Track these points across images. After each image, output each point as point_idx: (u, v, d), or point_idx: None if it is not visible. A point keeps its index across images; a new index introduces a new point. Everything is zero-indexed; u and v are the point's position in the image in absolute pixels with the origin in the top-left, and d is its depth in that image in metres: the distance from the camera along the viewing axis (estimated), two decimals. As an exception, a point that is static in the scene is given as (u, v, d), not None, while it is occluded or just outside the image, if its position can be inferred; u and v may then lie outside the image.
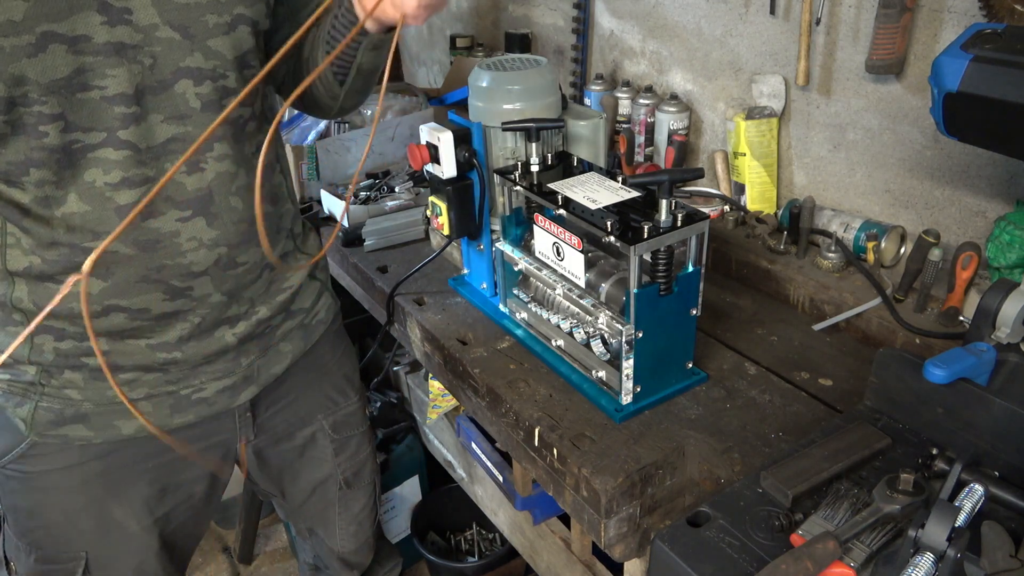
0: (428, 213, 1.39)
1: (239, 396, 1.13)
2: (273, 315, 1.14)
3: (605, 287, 1.15)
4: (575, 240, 1.13)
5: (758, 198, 1.66)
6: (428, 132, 1.28)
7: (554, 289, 1.21)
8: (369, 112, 2.11)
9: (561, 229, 1.15)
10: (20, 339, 0.70)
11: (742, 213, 1.63)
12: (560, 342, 1.23)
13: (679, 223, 1.04)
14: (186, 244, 0.98)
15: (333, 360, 1.33)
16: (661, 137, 1.81)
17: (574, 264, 1.16)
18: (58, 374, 1.01)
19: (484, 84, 1.28)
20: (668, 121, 1.78)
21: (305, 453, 1.33)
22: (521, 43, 2.24)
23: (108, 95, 0.87)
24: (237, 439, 1.20)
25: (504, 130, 1.25)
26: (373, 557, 1.58)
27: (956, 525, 0.76)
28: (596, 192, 1.14)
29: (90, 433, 1.04)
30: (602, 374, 1.15)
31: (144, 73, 0.88)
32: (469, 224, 1.34)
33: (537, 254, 1.25)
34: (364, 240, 1.68)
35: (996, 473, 0.90)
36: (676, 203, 1.06)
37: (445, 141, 1.25)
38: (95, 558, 1.12)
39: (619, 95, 1.89)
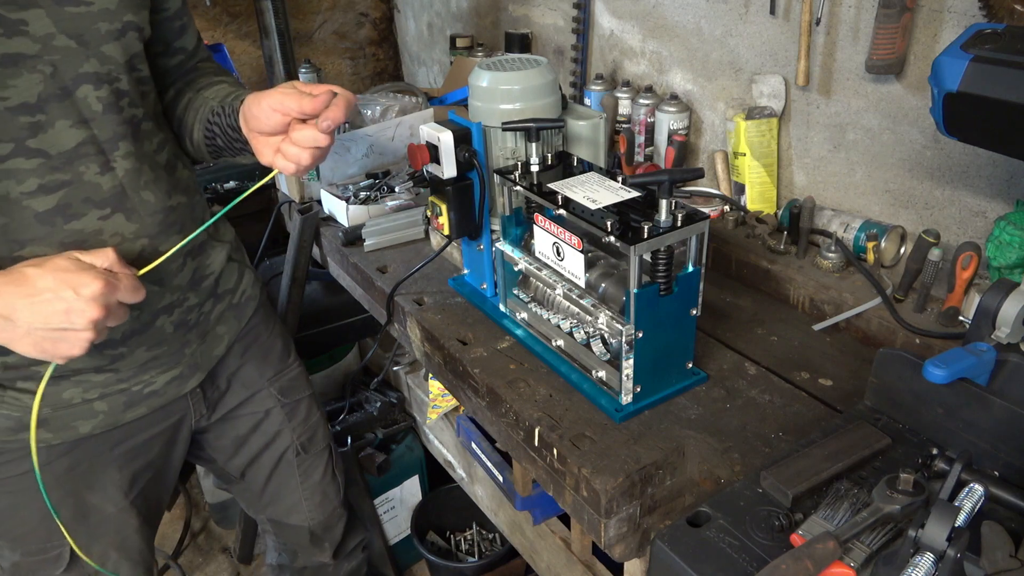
0: (428, 213, 1.39)
1: (187, 383, 1.19)
2: (203, 301, 1.19)
3: (605, 287, 1.15)
4: (575, 240, 1.13)
5: (758, 198, 1.66)
6: (428, 132, 1.28)
7: (554, 289, 1.21)
8: (369, 112, 2.11)
9: (561, 229, 1.15)
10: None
11: (742, 213, 1.63)
12: (560, 342, 1.23)
13: (679, 223, 1.04)
14: (110, 240, 1.01)
15: (267, 331, 1.38)
16: (661, 137, 1.81)
17: (574, 264, 1.16)
18: (11, 385, 1.03)
19: (484, 84, 1.28)
20: (668, 121, 1.78)
21: (259, 427, 1.38)
22: (521, 43, 2.24)
23: (11, 105, 0.89)
24: (192, 417, 1.26)
25: (504, 130, 1.25)
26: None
27: (956, 525, 0.75)
28: (596, 192, 1.14)
29: (49, 435, 1.08)
30: (602, 374, 1.15)
31: (46, 81, 0.91)
32: (469, 224, 1.34)
33: (537, 254, 1.25)
34: (364, 240, 1.68)
35: (996, 473, 0.90)
36: (676, 203, 1.06)
37: (445, 141, 1.25)
38: (79, 543, 1.16)
39: (619, 95, 1.89)
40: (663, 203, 1.04)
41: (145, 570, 1.28)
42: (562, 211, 1.12)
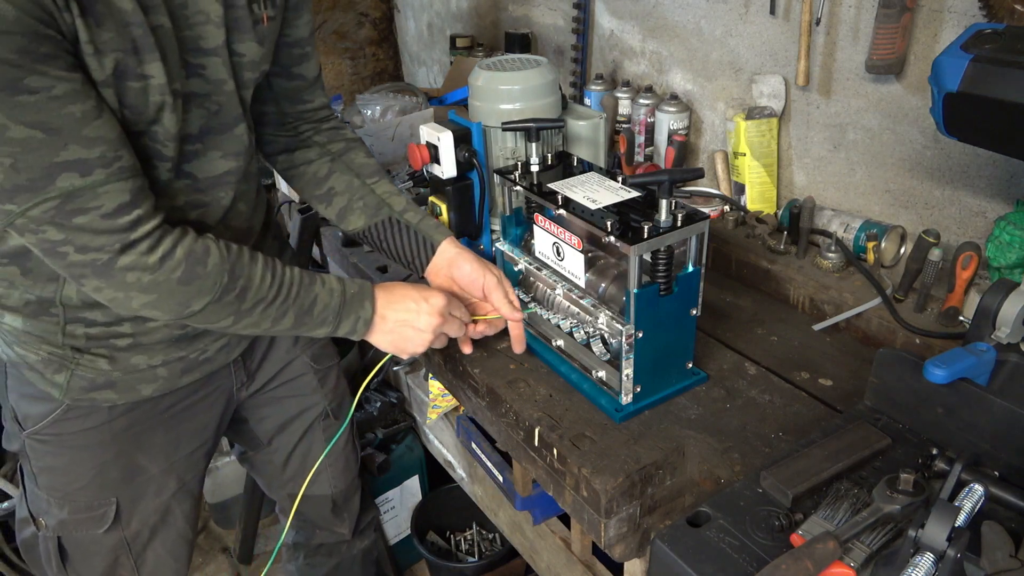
0: (428, 213, 1.39)
1: (233, 352, 1.29)
2: None
3: (605, 287, 1.15)
4: (575, 240, 1.13)
5: (758, 198, 1.66)
6: (428, 132, 1.28)
7: (554, 289, 1.21)
8: (369, 112, 2.11)
9: (561, 229, 1.15)
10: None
11: (742, 213, 1.63)
12: (560, 342, 1.23)
13: (679, 223, 1.04)
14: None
15: None
16: (661, 137, 1.81)
17: (574, 264, 1.16)
18: (87, 350, 1.13)
19: (484, 84, 1.28)
20: (668, 121, 1.78)
21: (294, 392, 1.44)
22: (521, 43, 2.24)
23: (181, 135, 1.02)
24: (235, 386, 1.36)
25: (504, 130, 1.25)
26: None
27: (956, 525, 0.75)
28: (596, 192, 1.14)
29: (115, 396, 1.17)
30: (602, 374, 1.15)
31: (209, 117, 1.04)
32: (469, 224, 1.34)
33: (537, 254, 1.25)
34: (364, 240, 1.68)
35: (996, 473, 0.90)
36: (676, 203, 1.05)
37: (445, 141, 1.25)
38: (124, 501, 1.26)
39: (619, 95, 1.89)
40: (663, 203, 1.04)
41: (184, 544, 1.37)
42: (562, 211, 1.12)
